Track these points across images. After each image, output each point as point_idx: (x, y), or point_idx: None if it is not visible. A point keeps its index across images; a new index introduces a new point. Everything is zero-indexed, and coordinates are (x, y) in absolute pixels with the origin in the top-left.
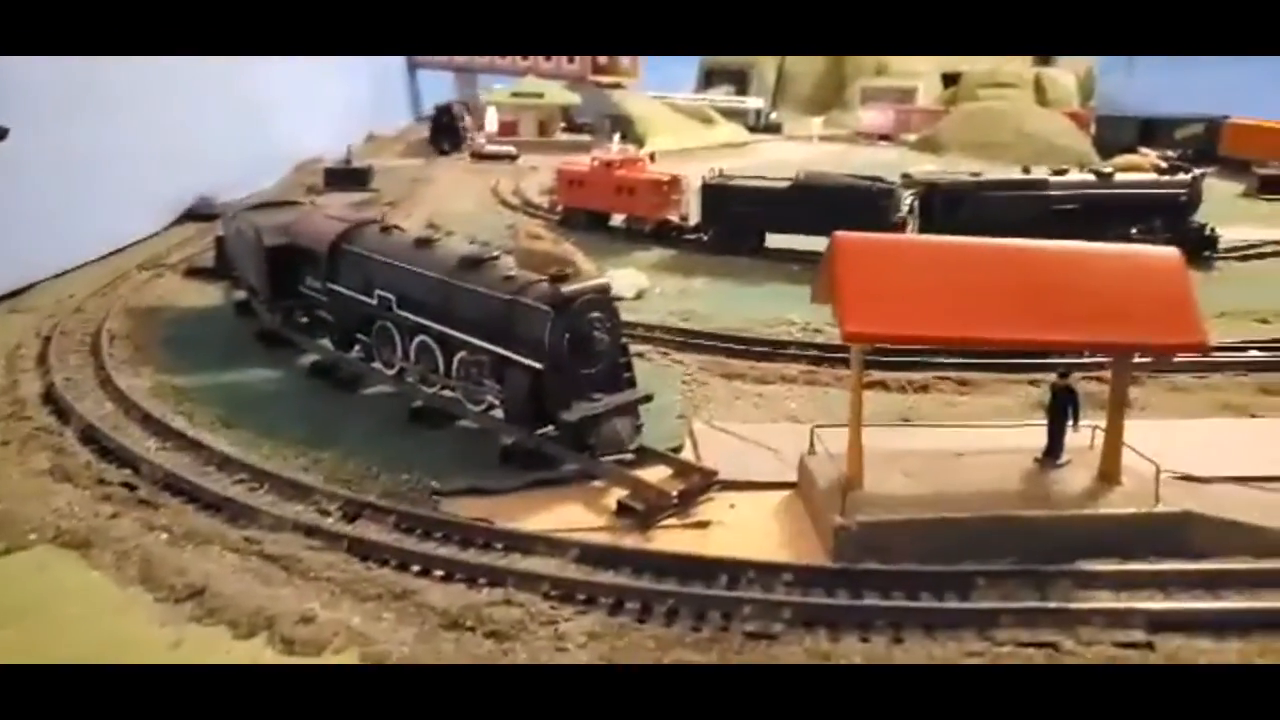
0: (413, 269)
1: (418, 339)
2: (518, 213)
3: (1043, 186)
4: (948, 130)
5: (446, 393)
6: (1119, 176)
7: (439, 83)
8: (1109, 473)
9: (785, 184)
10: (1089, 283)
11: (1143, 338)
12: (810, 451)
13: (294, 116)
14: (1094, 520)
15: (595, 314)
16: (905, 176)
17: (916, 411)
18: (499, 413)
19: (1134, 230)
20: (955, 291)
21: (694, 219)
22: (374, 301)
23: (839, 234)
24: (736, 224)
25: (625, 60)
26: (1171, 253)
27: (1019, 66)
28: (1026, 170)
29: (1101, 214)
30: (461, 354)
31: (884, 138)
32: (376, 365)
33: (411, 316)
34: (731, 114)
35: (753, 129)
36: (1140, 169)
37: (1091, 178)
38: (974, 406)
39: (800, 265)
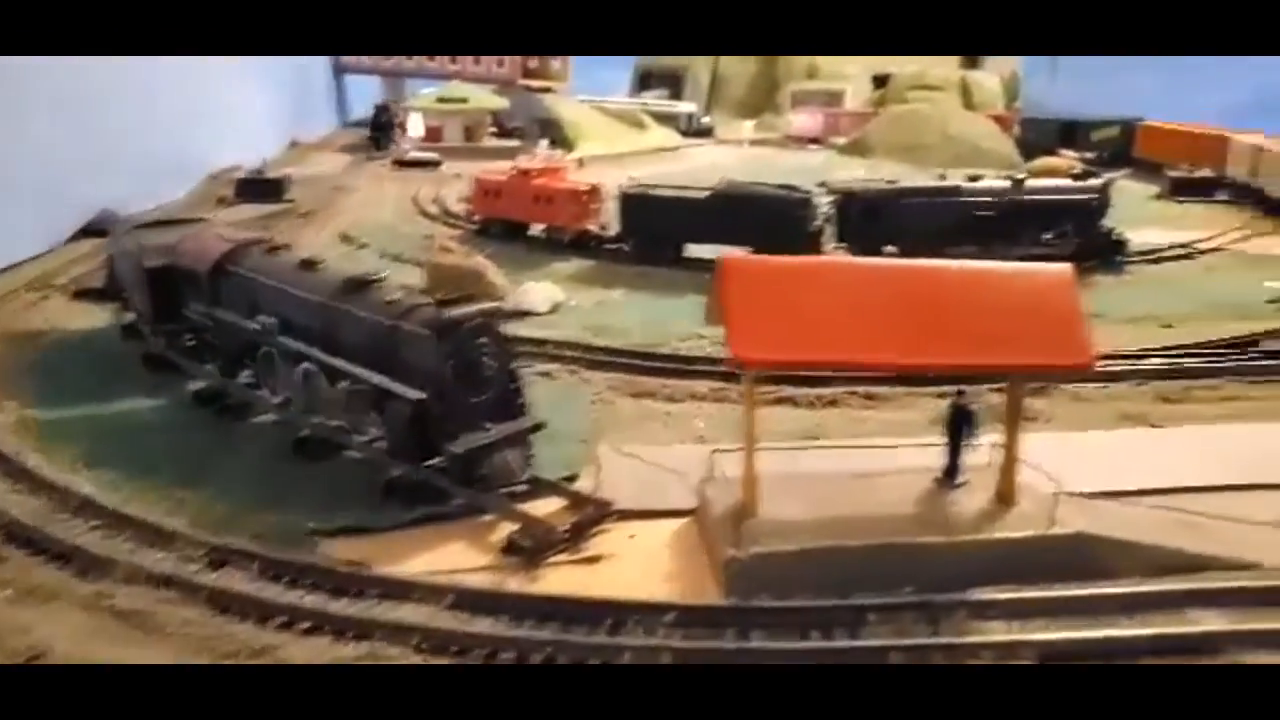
0: (295, 292)
1: (301, 366)
2: (436, 222)
3: (957, 194)
4: (875, 133)
5: (332, 422)
6: (1031, 183)
7: (367, 87)
8: (1005, 494)
9: (704, 194)
10: (979, 304)
11: (1031, 360)
12: (709, 477)
13: (208, 123)
14: (988, 545)
15: (482, 339)
16: (822, 185)
17: (824, 428)
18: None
19: (1046, 236)
20: (846, 314)
21: (614, 229)
22: (257, 326)
23: (727, 256)
24: (656, 235)
25: (556, 63)
26: (1063, 271)
27: (946, 69)
28: (943, 177)
29: (1015, 220)
30: (345, 382)
31: (813, 141)
32: (264, 393)
33: (294, 343)
34: (664, 118)
35: (685, 133)
36: (1060, 171)
37: (1005, 184)
38: (882, 421)
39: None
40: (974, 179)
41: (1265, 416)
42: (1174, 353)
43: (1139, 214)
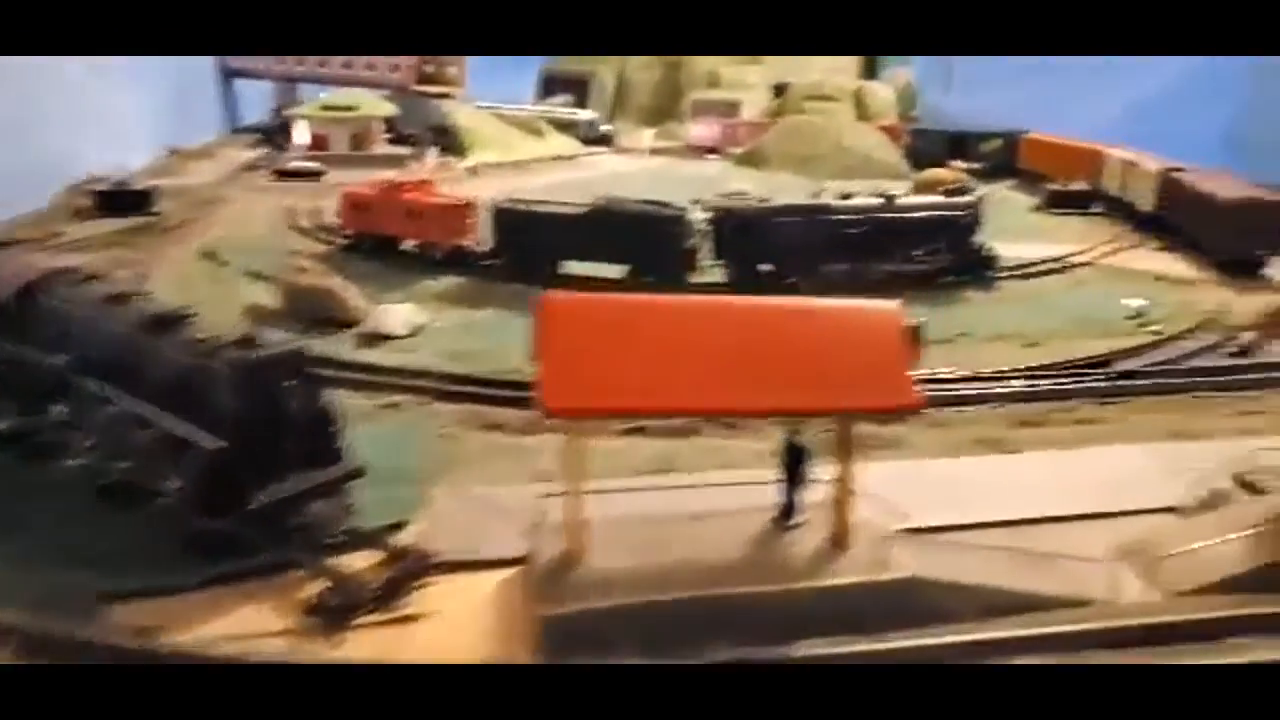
0: (100, 328)
1: (107, 408)
2: (309, 238)
3: (828, 212)
4: (770, 144)
5: (140, 469)
6: (903, 200)
7: (259, 92)
8: (839, 535)
9: (579, 210)
10: (805, 344)
11: (856, 402)
12: (539, 523)
13: (67, 128)
14: (817, 593)
15: (290, 379)
16: (697, 202)
17: (678, 459)
18: None
19: (918, 253)
20: (666, 357)
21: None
22: (60, 363)
23: (547, 294)
24: (530, 252)
25: (452, 68)
26: (889, 309)
27: (843, 79)
28: (817, 196)
29: (887, 238)
30: (149, 426)
31: (712, 151)
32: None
33: (94, 383)
34: (564, 126)
35: (585, 141)
36: (946, 182)
37: (877, 201)
38: (741, 450)
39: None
40: (846, 196)
41: (1115, 439)
42: (1034, 373)
43: (1018, 225)
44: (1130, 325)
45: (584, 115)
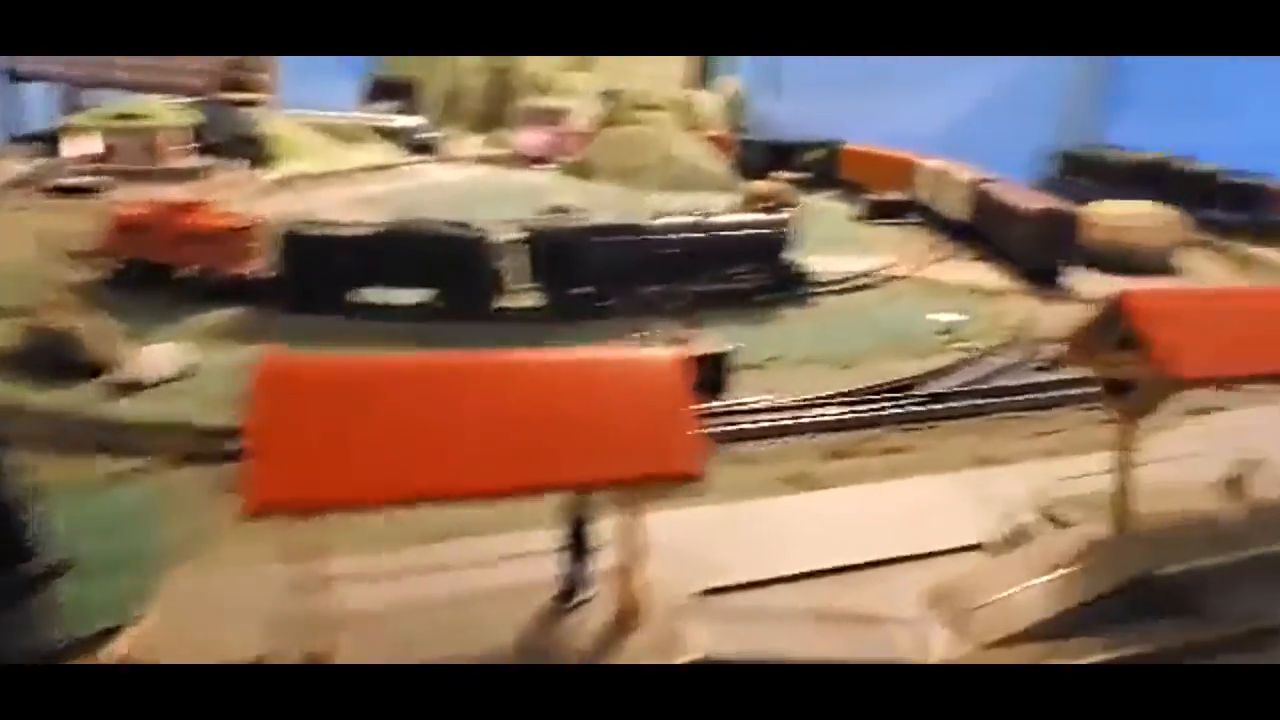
0: None
1: None
2: (73, 264)
3: (642, 232)
4: (597, 154)
5: None
6: (716, 219)
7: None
8: (626, 612)
9: (373, 232)
10: (568, 406)
11: (626, 472)
12: (284, 618)
13: None
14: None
15: None
16: (511, 221)
17: (463, 522)
18: None
19: (734, 271)
20: (405, 432)
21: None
22: None
23: (267, 356)
24: (320, 279)
25: (263, 73)
26: (663, 361)
27: (672, 88)
28: (633, 214)
29: (701, 258)
30: None
31: (541, 160)
32: None
33: None
34: (388, 133)
35: (410, 149)
36: (770, 194)
37: (690, 220)
38: (531, 507)
39: (395, 324)
40: (659, 216)
41: (924, 468)
42: (845, 398)
43: (838, 236)
44: (941, 342)
45: (408, 122)
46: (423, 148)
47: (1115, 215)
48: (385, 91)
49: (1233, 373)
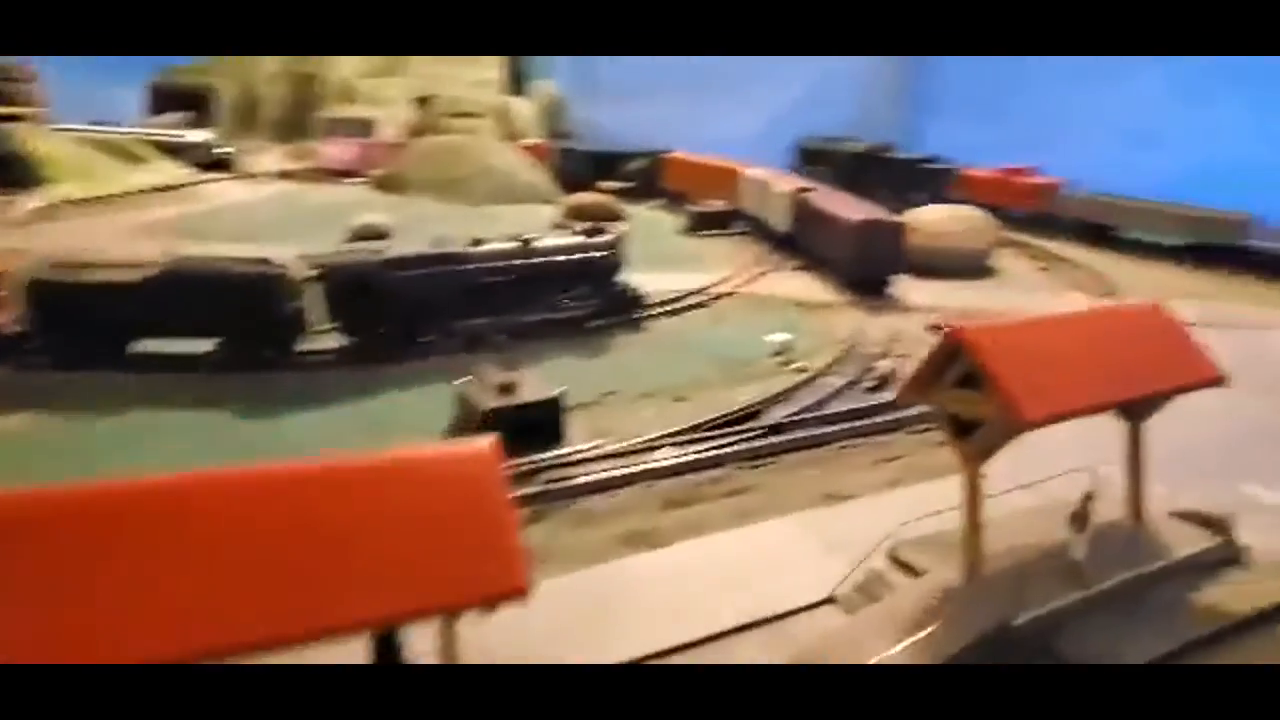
0: None
1: None
2: None
3: (461, 261)
4: (410, 167)
5: None
6: (542, 243)
7: None
8: None
9: (147, 274)
10: (358, 522)
11: (433, 601)
12: None
13: None
14: None
15: None
16: (303, 257)
17: None
18: None
19: (562, 299)
20: (139, 577)
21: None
22: None
23: None
24: (84, 331)
25: (27, 85)
26: (481, 451)
27: (487, 93)
28: (441, 242)
29: (528, 285)
30: None
31: (349, 174)
32: None
33: None
34: (175, 149)
35: (201, 166)
36: (594, 207)
37: (514, 246)
38: None
39: (182, 377)
40: (478, 242)
41: (769, 510)
42: (683, 437)
43: (665, 251)
44: (775, 364)
45: (196, 136)
46: (217, 164)
47: (932, 221)
48: (172, 101)
49: (1079, 408)
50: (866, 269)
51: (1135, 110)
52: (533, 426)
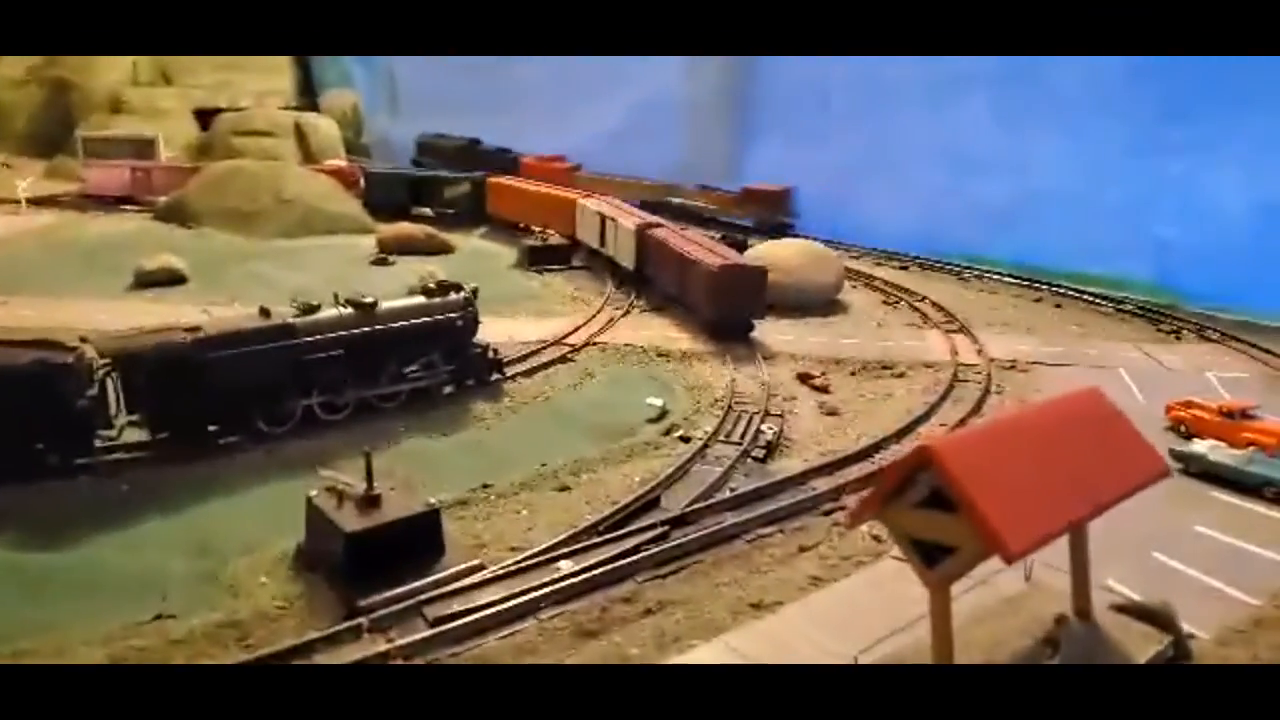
0: None
1: None
2: None
3: (289, 334)
4: (198, 195)
5: None
6: (385, 306)
7: None
8: None
9: None
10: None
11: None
12: None
13: None
14: None
15: None
16: (84, 340)
17: None
18: None
19: (410, 369)
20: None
21: None
22: None
23: None
24: None
25: None
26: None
27: (278, 113)
28: (266, 313)
29: (371, 357)
30: None
31: (125, 200)
32: None
33: None
34: None
35: None
36: (414, 238)
37: (350, 312)
38: None
39: None
40: (308, 309)
41: (692, 634)
42: (581, 543)
43: (503, 291)
44: (654, 432)
45: None
46: None
47: (783, 257)
48: None
49: (1055, 532)
50: (728, 314)
51: (960, 136)
52: (404, 547)
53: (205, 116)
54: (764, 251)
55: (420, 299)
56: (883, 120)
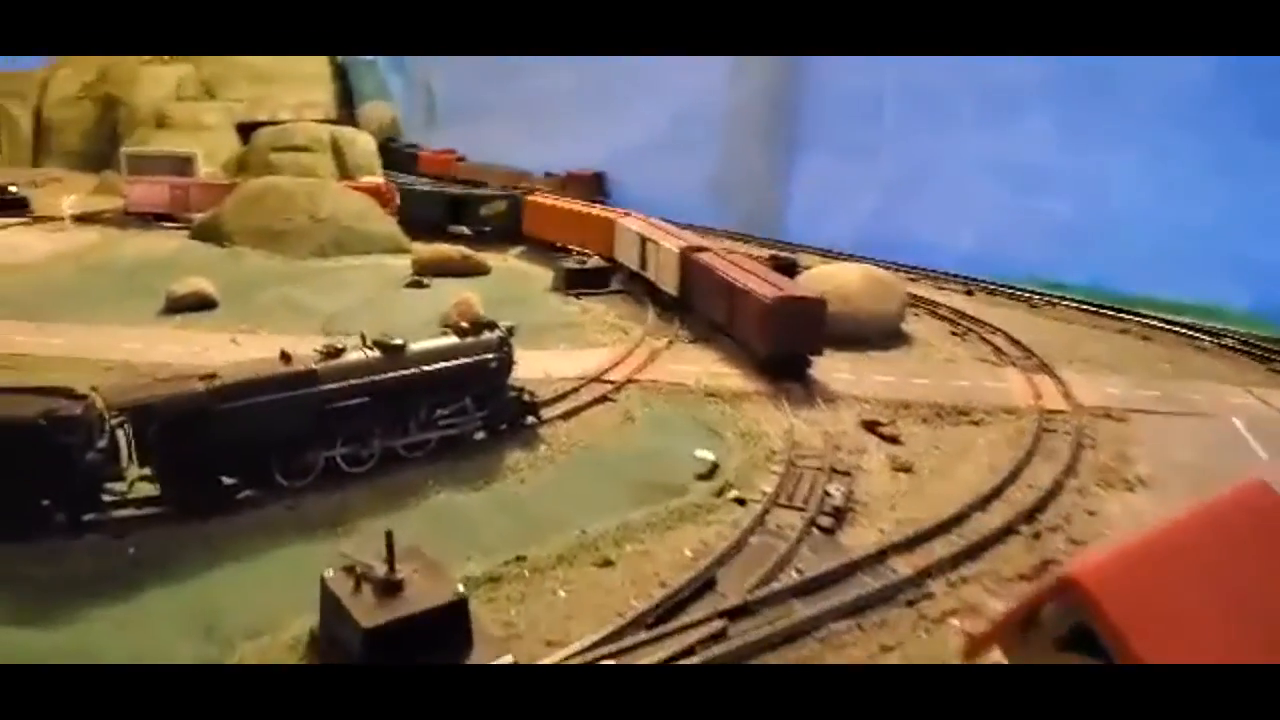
0: None
1: None
2: None
3: (311, 381)
4: (230, 215)
5: None
6: (414, 348)
7: None
8: None
9: None
10: None
11: None
12: None
13: None
14: None
15: None
16: (94, 389)
17: None
18: None
19: (440, 415)
20: None
21: None
22: None
23: None
24: None
25: None
26: None
27: (315, 127)
28: (287, 358)
29: (397, 403)
30: None
31: (164, 217)
32: None
33: None
34: None
35: None
36: (459, 259)
37: (377, 355)
38: None
39: None
40: (332, 353)
41: None
42: (625, 638)
43: (538, 318)
44: (706, 491)
45: None
46: (12, 204)
47: (843, 284)
48: None
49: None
50: (783, 351)
51: (1022, 150)
52: (426, 641)
53: (247, 131)
54: (819, 276)
55: (453, 339)
56: (938, 131)
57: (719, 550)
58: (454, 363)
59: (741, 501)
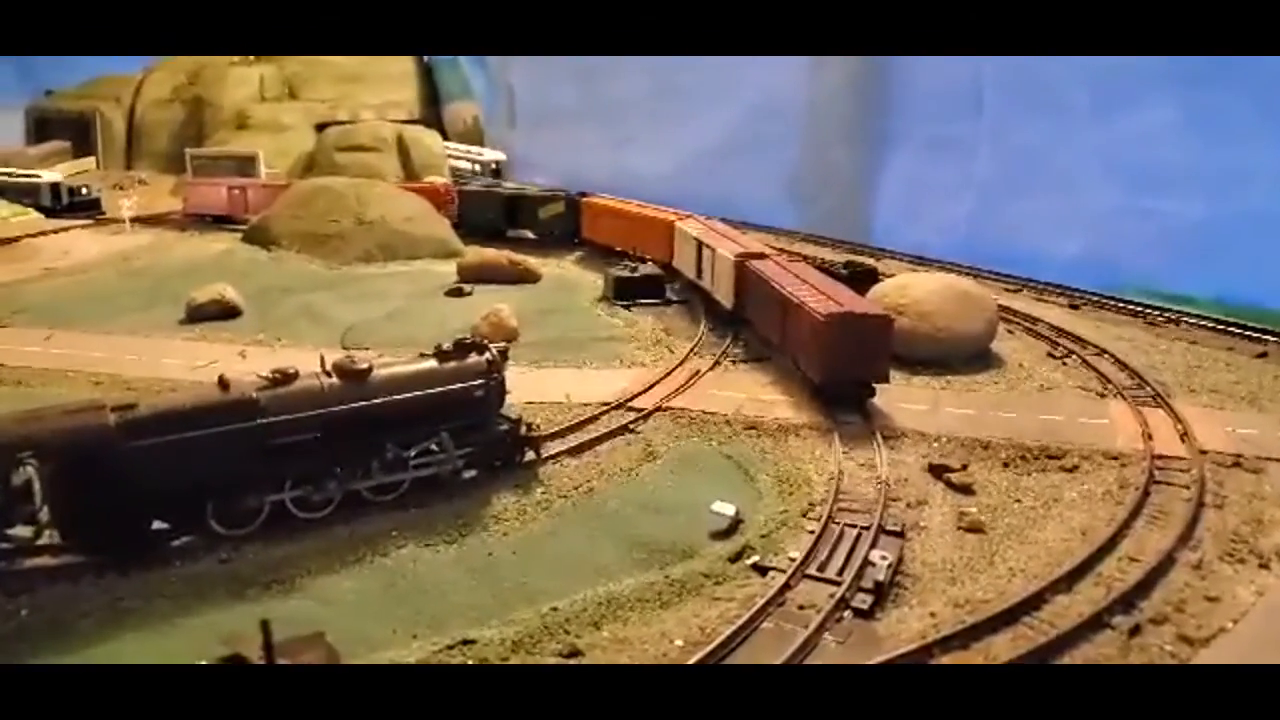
0: None
1: None
2: None
3: (251, 413)
4: (279, 217)
5: None
6: (380, 374)
7: None
8: None
9: None
10: None
11: None
12: None
13: None
14: None
15: None
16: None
17: None
18: None
19: (409, 454)
20: None
21: None
22: None
23: None
24: None
25: None
26: None
27: (381, 126)
28: (225, 385)
29: (357, 438)
30: None
31: (223, 219)
32: None
33: None
34: (24, 189)
35: (53, 211)
36: (497, 264)
37: (333, 382)
38: None
39: None
40: (281, 379)
41: None
42: None
43: (573, 333)
44: (722, 556)
45: (48, 176)
46: (79, 205)
47: (919, 299)
48: (57, 129)
49: None
50: (839, 376)
51: (1141, 146)
52: None
53: (321, 130)
54: (892, 288)
55: (430, 363)
56: (1043, 125)
57: (719, 638)
58: (429, 391)
59: (762, 570)
